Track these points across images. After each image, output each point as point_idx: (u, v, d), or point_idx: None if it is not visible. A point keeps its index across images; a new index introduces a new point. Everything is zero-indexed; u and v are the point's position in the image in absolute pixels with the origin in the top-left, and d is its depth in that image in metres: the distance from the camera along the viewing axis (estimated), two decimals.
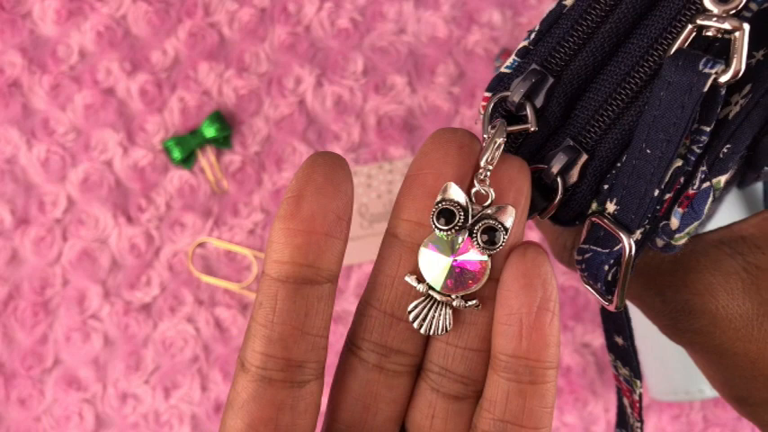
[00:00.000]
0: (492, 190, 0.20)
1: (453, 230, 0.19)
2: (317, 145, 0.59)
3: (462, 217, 0.19)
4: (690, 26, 0.19)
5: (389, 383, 0.20)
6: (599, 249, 0.21)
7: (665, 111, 0.19)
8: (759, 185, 0.44)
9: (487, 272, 0.20)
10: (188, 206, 0.58)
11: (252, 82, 0.59)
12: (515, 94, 0.21)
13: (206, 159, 0.58)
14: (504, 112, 0.22)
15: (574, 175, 0.21)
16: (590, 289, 0.22)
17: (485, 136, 0.21)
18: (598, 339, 0.57)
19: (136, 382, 0.57)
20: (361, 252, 0.57)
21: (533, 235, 0.57)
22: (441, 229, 0.19)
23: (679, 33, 0.20)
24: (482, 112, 0.22)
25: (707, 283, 0.23)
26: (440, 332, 0.20)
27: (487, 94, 0.22)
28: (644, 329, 0.38)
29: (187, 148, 0.58)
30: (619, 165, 0.21)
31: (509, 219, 0.19)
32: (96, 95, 0.59)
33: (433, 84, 0.59)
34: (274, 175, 0.58)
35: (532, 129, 0.21)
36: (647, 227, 0.21)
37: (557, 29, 0.22)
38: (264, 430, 0.19)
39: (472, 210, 0.20)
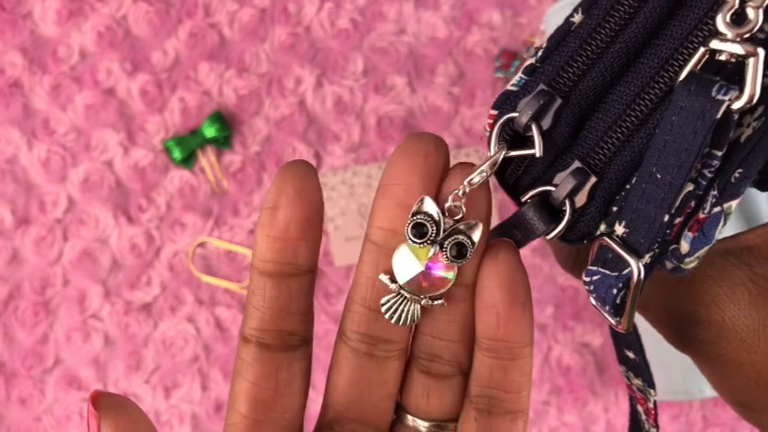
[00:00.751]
0: (464, 206, 0.21)
1: (426, 243, 0.21)
2: (316, 145, 0.59)
3: (434, 231, 0.21)
4: (702, 49, 0.19)
5: (380, 368, 0.23)
6: (607, 272, 0.21)
7: (677, 136, 0.19)
8: (761, 195, 0.44)
9: (453, 279, 0.22)
10: (188, 206, 0.58)
11: (252, 82, 0.59)
12: (523, 115, 0.21)
13: (206, 159, 0.58)
14: (510, 132, 0.22)
15: (582, 197, 0.21)
16: (598, 309, 0.22)
17: (490, 154, 0.22)
18: (597, 339, 0.57)
19: (136, 381, 0.57)
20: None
21: None
22: (414, 242, 0.21)
23: (690, 54, 0.20)
24: (488, 129, 0.22)
25: (713, 294, 0.23)
26: (409, 323, 0.22)
27: (493, 112, 0.22)
28: (643, 329, 0.38)
29: (187, 148, 0.58)
30: (628, 186, 0.21)
31: (477, 234, 0.21)
32: (97, 96, 0.59)
33: (432, 84, 0.59)
34: (274, 176, 0.58)
35: (538, 155, 0.21)
36: (657, 250, 0.20)
37: (565, 47, 0.21)
38: (267, 385, 0.22)
39: (444, 224, 0.21)
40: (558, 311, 0.57)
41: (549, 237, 0.22)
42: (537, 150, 0.21)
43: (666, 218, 0.19)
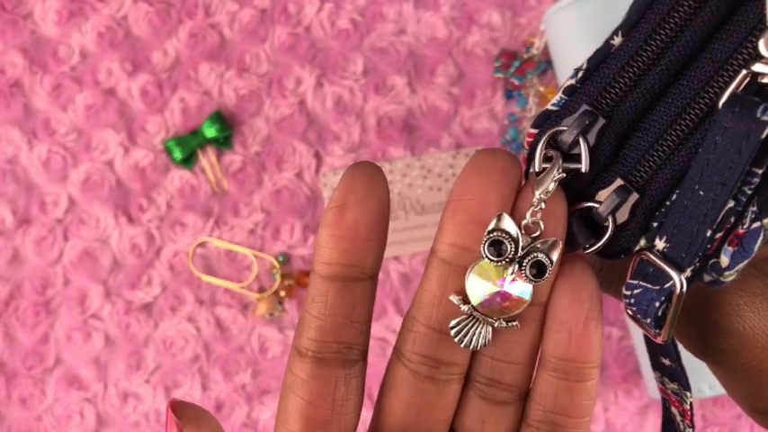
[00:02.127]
0: (542, 222, 0.21)
1: (503, 262, 0.20)
2: (316, 145, 0.59)
3: (513, 249, 0.20)
4: (744, 71, 0.19)
5: (440, 391, 0.22)
6: (649, 286, 0.21)
7: (721, 155, 0.19)
8: None
9: (529, 299, 0.21)
10: (189, 206, 0.58)
11: (252, 82, 0.59)
12: (569, 133, 0.21)
13: (207, 159, 0.59)
14: (553, 150, 0.22)
15: (624, 213, 0.21)
16: (637, 321, 0.22)
17: (534, 170, 0.22)
18: None
19: (137, 381, 0.57)
20: None
21: None
22: (492, 260, 0.20)
23: (731, 77, 0.20)
24: (526, 147, 0.22)
25: (734, 304, 0.23)
26: (479, 347, 0.21)
27: (533, 131, 0.22)
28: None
29: (188, 148, 0.58)
30: (668, 203, 0.21)
31: (556, 253, 0.21)
32: (97, 96, 0.59)
33: (432, 84, 0.59)
34: (275, 176, 0.58)
35: (584, 170, 0.21)
36: (698, 264, 0.21)
37: (605, 68, 0.22)
38: (323, 404, 0.22)
39: (522, 242, 0.21)
40: None
41: (588, 251, 0.22)
42: (583, 165, 0.21)
43: (709, 233, 0.20)
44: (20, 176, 0.59)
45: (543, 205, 0.21)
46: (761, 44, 0.19)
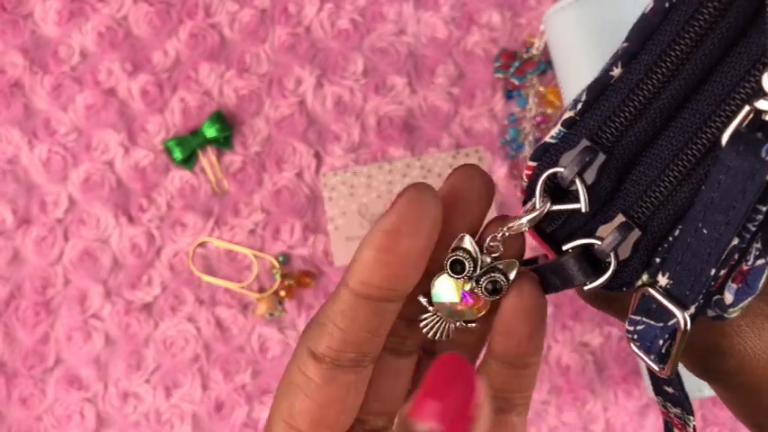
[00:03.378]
0: (502, 246, 0.23)
1: (464, 278, 0.22)
2: (316, 145, 0.59)
3: (471, 268, 0.22)
4: (747, 108, 0.19)
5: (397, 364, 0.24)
6: (652, 323, 0.21)
7: (725, 194, 0.19)
8: None
9: (486, 309, 0.23)
10: (189, 206, 0.59)
11: (252, 82, 0.59)
12: (568, 171, 0.21)
13: (207, 159, 0.59)
14: (551, 184, 0.22)
15: (626, 249, 0.21)
16: (639, 355, 0.22)
17: (529, 206, 0.22)
18: (596, 339, 0.57)
19: (137, 381, 0.57)
20: None
21: None
22: (453, 276, 0.22)
23: (733, 112, 0.20)
24: (525, 180, 0.23)
25: (735, 325, 0.24)
26: (444, 338, 0.24)
27: (532, 164, 0.22)
28: None
29: (188, 148, 0.58)
30: (671, 238, 0.21)
31: (513, 273, 0.22)
32: (97, 96, 0.59)
33: (432, 84, 0.59)
34: (275, 176, 0.59)
35: (584, 210, 0.21)
36: (701, 301, 0.21)
37: (605, 101, 0.21)
38: (335, 408, 0.22)
39: (481, 261, 0.23)
40: (557, 311, 0.57)
41: (588, 287, 0.22)
42: (583, 206, 0.21)
43: (713, 272, 0.20)
44: (20, 176, 0.59)
45: (506, 235, 0.22)
46: (764, 80, 0.19)
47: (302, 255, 0.58)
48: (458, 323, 0.23)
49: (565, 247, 0.22)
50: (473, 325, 0.23)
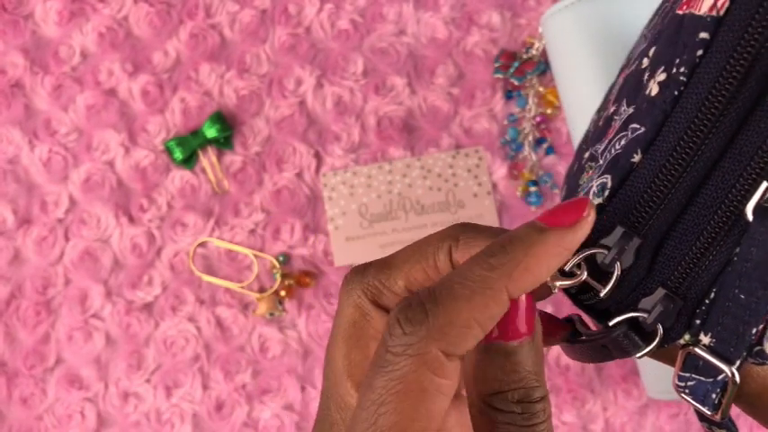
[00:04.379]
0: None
1: None
2: (317, 145, 0.59)
3: None
4: (765, 184, 0.21)
5: None
6: (702, 378, 0.23)
7: (757, 264, 0.21)
8: None
9: None
10: (189, 206, 0.59)
11: (253, 83, 0.59)
12: (609, 258, 0.23)
13: (207, 160, 0.59)
14: (588, 264, 0.24)
15: (670, 319, 0.23)
16: (691, 402, 0.24)
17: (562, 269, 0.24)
18: None
19: (137, 381, 0.58)
20: (361, 252, 0.58)
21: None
22: None
23: (751, 184, 0.22)
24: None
25: None
26: None
27: None
28: None
29: (188, 148, 0.58)
30: (707, 301, 0.23)
31: None
32: (98, 96, 0.59)
33: (432, 85, 0.59)
34: (275, 176, 0.59)
35: (603, 296, 0.23)
36: (745, 354, 0.23)
37: (630, 187, 0.23)
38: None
39: None
40: (556, 311, 0.57)
41: (639, 356, 0.24)
42: (604, 293, 0.23)
43: (754, 330, 0.22)
44: (21, 176, 0.59)
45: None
46: None
47: (302, 254, 0.58)
48: None
49: (612, 323, 0.24)
50: None
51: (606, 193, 0.24)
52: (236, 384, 0.57)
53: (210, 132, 0.58)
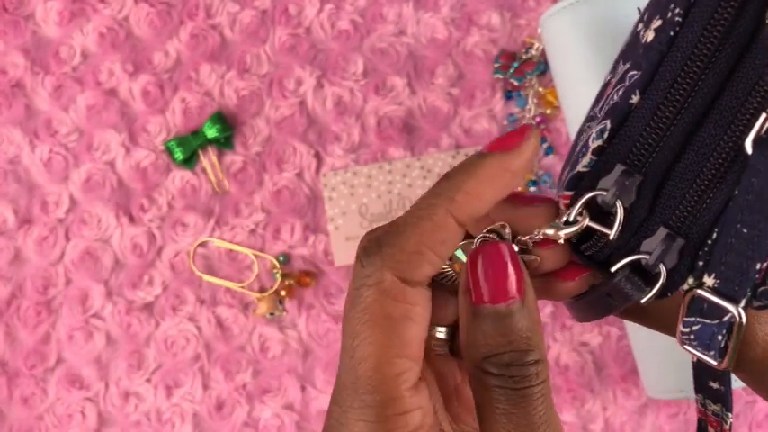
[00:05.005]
0: (531, 245, 0.24)
1: None
2: (317, 145, 0.59)
3: None
4: (764, 115, 0.21)
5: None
6: (707, 321, 0.23)
7: (759, 195, 0.21)
8: None
9: None
10: (190, 206, 0.59)
11: (253, 83, 0.59)
12: (610, 195, 0.23)
13: (207, 160, 0.59)
14: (589, 207, 0.24)
15: (672, 258, 0.23)
16: (696, 353, 0.24)
17: (564, 219, 0.24)
18: (596, 338, 0.57)
19: (138, 380, 0.58)
20: None
21: None
22: None
23: (749, 120, 0.22)
24: (563, 208, 0.24)
25: (754, 314, 0.25)
26: (448, 285, 0.26)
27: (568, 193, 0.24)
28: (639, 327, 0.38)
29: (189, 148, 0.58)
30: (709, 242, 0.23)
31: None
32: (98, 96, 0.59)
33: (432, 85, 0.59)
34: (275, 176, 0.59)
35: (612, 238, 0.23)
36: (749, 294, 0.22)
37: (629, 126, 0.23)
38: (427, 326, 0.24)
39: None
40: (556, 311, 0.57)
41: (644, 300, 0.23)
42: (612, 234, 0.23)
43: (758, 266, 0.21)
44: (21, 176, 0.59)
45: (539, 239, 0.24)
46: None
47: (302, 254, 0.59)
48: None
49: (614, 268, 0.23)
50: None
51: (605, 135, 0.23)
52: (237, 384, 0.57)
53: (211, 132, 0.58)
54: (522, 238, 0.24)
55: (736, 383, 0.48)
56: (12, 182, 0.59)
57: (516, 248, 0.24)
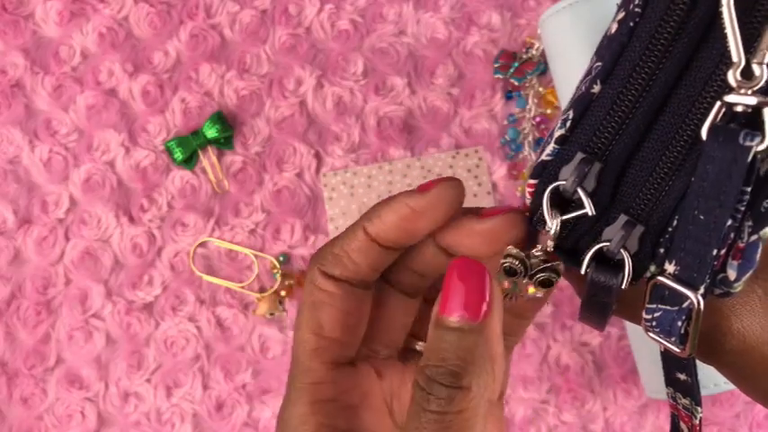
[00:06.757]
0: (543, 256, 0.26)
1: (518, 277, 0.26)
2: (317, 145, 0.59)
3: (522, 269, 0.25)
4: (719, 103, 0.21)
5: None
6: (668, 308, 0.23)
7: (714, 181, 0.21)
8: None
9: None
10: (189, 206, 0.59)
11: (253, 83, 0.59)
12: (570, 183, 0.24)
13: (207, 160, 0.59)
14: (556, 198, 0.24)
15: (633, 246, 0.24)
16: (659, 341, 0.24)
17: (544, 229, 0.25)
18: (596, 338, 0.57)
19: (137, 380, 0.58)
20: None
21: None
22: (508, 279, 0.26)
23: (707, 107, 0.22)
24: (528, 197, 0.25)
25: (730, 305, 0.25)
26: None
27: (533, 182, 0.25)
28: (638, 328, 0.38)
29: (189, 148, 0.58)
30: (670, 229, 0.23)
31: (561, 267, 0.25)
32: (98, 96, 0.59)
33: (432, 85, 0.59)
34: (275, 176, 0.59)
35: (590, 213, 0.24)
36: (708, 281, 0.23)
37: (591, 115, 0.24)
38: (354, 315, 0.28)
39: (530, 263, 0.25)
40: (556, 311, 0.57)
41: (623, 286, 0.24)
42: (588, 210, 0.23)
43: (714, 252, 0.22)
44: (21, 176, 0.59)
45: (544, 255, 0.25)
46: (729, 77, 0.21)
47: (302, 254, 0.59)
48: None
49: (583, 267, 0.24)
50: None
51: (568, 124, 0.24)
52: (237, 384, 0.57)
53: (211, 132, 0.58)
54: (536, 253, 0.25)
55: (728, 385, 0.48)
56: (11, 182, 0.59)
57: (508, 285, 0.25)
